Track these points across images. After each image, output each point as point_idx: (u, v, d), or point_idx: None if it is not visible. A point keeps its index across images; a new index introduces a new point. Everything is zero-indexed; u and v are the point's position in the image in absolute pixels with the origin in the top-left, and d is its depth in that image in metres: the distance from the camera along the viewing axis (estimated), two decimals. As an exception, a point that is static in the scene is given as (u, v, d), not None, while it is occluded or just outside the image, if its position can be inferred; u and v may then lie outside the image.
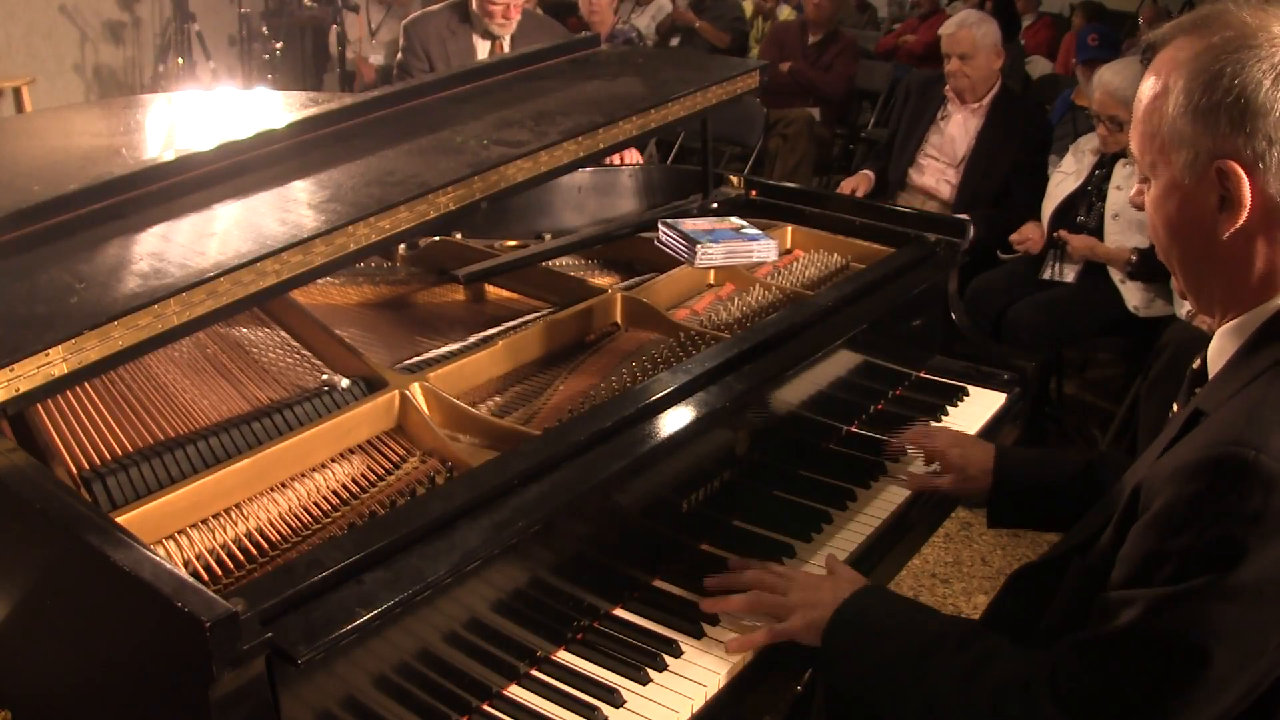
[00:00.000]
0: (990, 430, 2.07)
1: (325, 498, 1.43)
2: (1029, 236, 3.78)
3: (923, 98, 4.29)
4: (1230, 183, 1.15)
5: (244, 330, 1.80)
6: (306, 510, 1.40)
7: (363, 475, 1.48)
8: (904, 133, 4.32)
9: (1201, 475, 1.09)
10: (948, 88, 4.15)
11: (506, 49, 3.79)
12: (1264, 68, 1.12)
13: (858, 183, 4.34)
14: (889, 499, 1.80)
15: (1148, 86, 1.22)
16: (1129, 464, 1.47)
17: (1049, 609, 1.36)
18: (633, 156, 3.27)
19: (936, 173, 4.20)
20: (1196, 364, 1.32)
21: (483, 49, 3.81)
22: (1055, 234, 3.64)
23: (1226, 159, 1.14)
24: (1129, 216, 3.48)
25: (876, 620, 1.36)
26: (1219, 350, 1.26)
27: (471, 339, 1.86)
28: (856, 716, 1.66)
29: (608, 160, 2.93)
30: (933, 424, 1.92)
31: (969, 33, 4.04)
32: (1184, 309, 3.22)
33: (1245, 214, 1.15)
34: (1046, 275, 3.69)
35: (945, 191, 4.16)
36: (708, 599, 1.47)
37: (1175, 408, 1.34)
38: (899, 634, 1.33)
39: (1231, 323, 1.24)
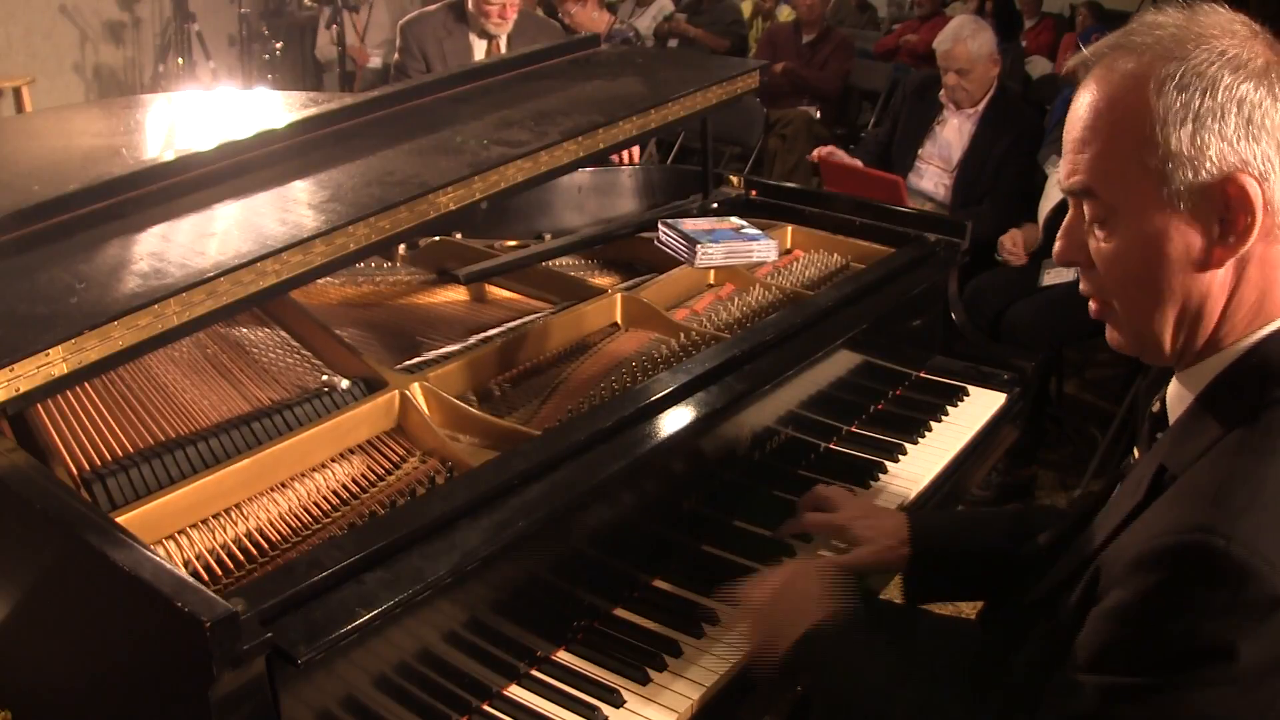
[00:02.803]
0: (990, 430, 2.07)
1: (325, 498, 1.43)
2: (1014, 248, 3.74)
3: (920, 101, 4.27)
4: (1237, 201, 1.01)
5: (244, 330, 1.79)
6: (306, 510, 1.40)
7: (363, 475, 1.48)
8: (901, 137, 4.31)
9: (1166, 565, 0.98)
10: (942, 94, 4.14)
11: (504, 49, 3.79)
12: (1253, 70, 1.01)
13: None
14: (889, 499, 1.80)
15: (1102, 107, 1.06)
16: (1059, 517, 1.40)
17: (1015, 664, 1.27)
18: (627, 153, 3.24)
19: (934, 177, 4.19)
20: (1156, 406, 1.21)
21: (479, 49, 3.82)
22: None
23: (1237, 173, 1.01)
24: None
25: (829, 669, 1.29)
26: (1178, 396, 1.15)
27: (471, 339, 1.86)
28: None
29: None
30: (829, 490, 1.68)
31: (964, 48, 3.99)
32: None
33: (1255, 235, 1.02)
34: (1047, 282, 3.68)
35: (942, 194, 4.16)
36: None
37: (1136, 453, 1.26)
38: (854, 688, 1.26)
39: (1190, 367, 1.12)
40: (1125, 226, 1.07)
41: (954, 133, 4.14)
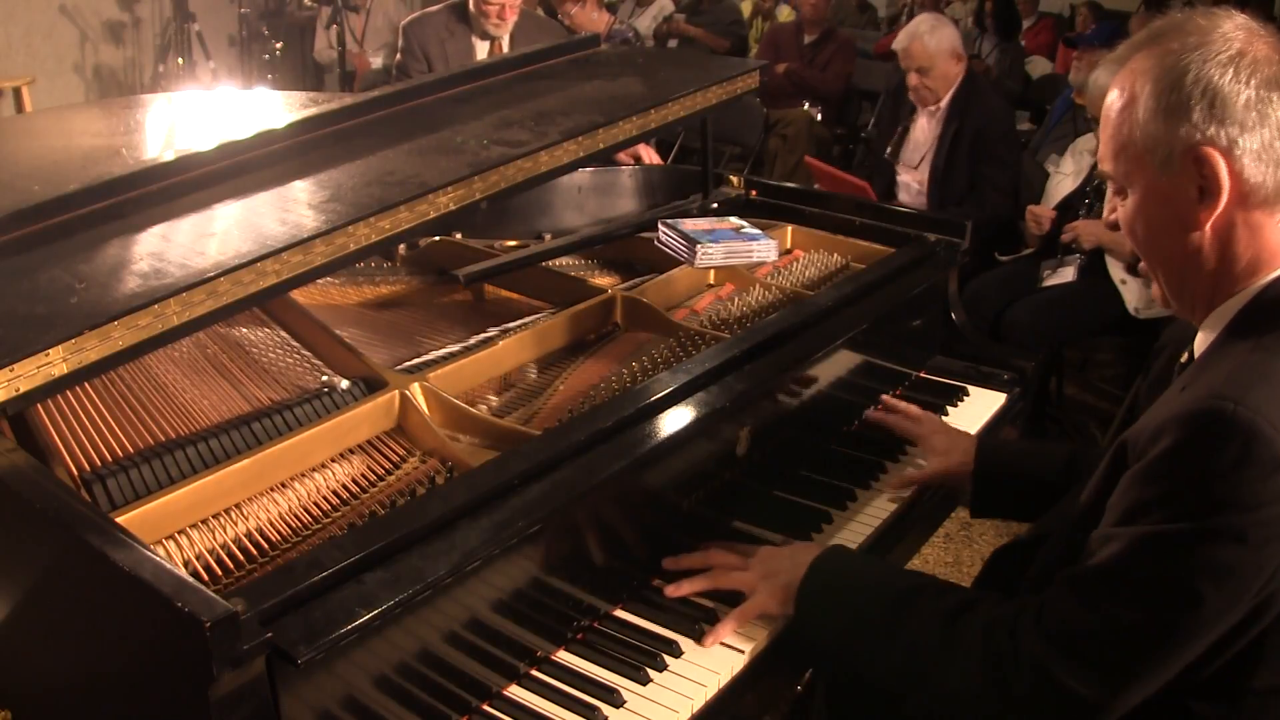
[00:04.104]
0: (990, 430, 2.07)
1: (325, 498, 1.43)
2: (1039, 215, 3.71)
3: (894, 103, 4.25)
4: (1208, 169, 1.20)
5: (244, 330, 1.79)
6: (306, 510, 1.40)
7: (363, 475, 1.48)
8: (879, 145, 4.28)
9: (1183, 427, 1.15)
10: (910, 94, 4.10)
11: (505, 49, 3.79)
12: (1223, 60, 1.19)
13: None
14: (889, 499, 1.80)
15: (1114, 100, 1.28)
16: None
17: (1031, 569, 1.41)
18: (649, 154, 3.20)
19: (907, 187, 4.16)
20: (1184, 358, 1.36)
21: (481, 50, 3.82)
22: (1064, 231, 3.61)
23: (1203, 146, 1.20)
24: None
25: (849, 577, 1.42)
26: (1203, 342, 1.31)
27: (471, 339, 1.86)
28: (857, 716, 1.67)
29: (629, 158, 2.94)
30: (914, 409, 1.95)
31: (921, 45, 3.90)
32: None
33: (1225, 197, 1.20)
34: (1047, 282, 3.67)
35: (922, 202, 4.11)
36: (669, 585, 1.49)
37: None
38: (873, 589, 1.38)
39: (1213, 314, 1.29)
40: (1133, 196, 1.28)
41: (922, 133, 4.09)
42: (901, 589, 1.36)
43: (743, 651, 1.42)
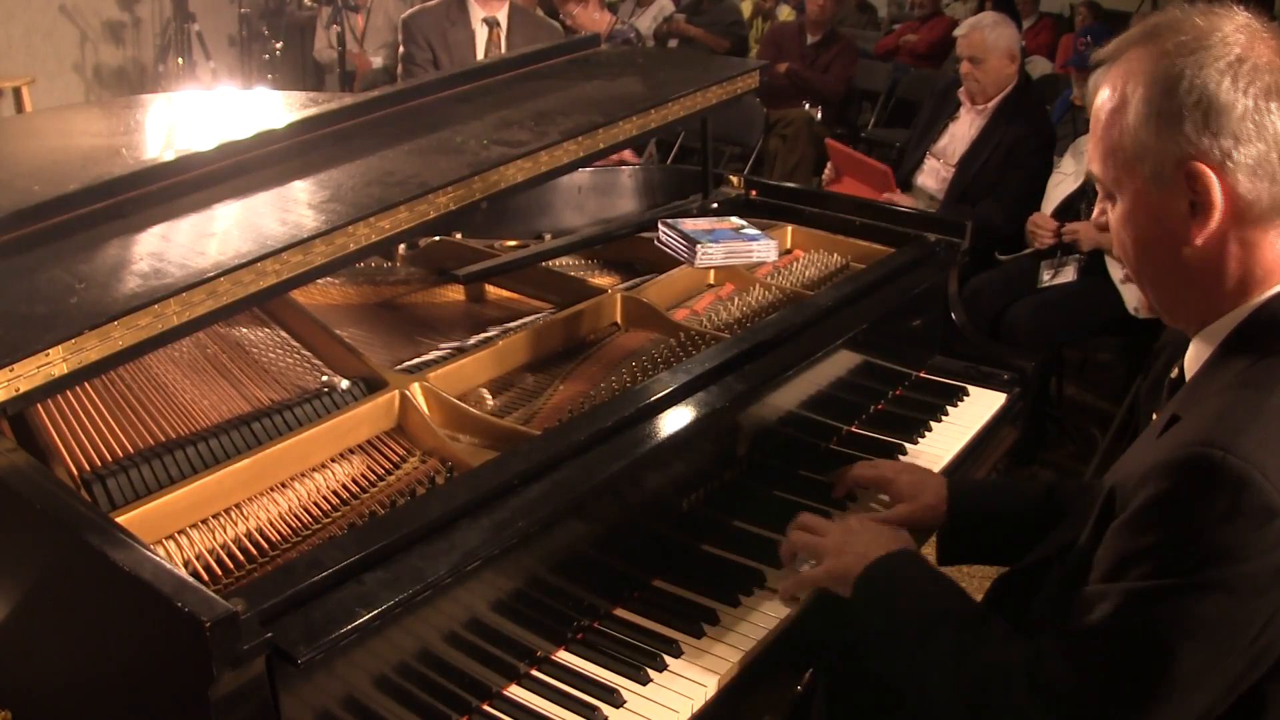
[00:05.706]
0: (990, 431, 2.07)
1: (325, 498, 1.43)
2: (1041, 226, 3.72)
3: (941, 100, 4.28)
4: (1200, 185, 1.14)
5: (244, 330, 1.79)
6: (306, 510, 1.40)
7: (363, 475, 1.48)
8: (917, 135, 4.31)
9: (1171, 475, 1.10)
10: (961, 90, 4.14)
11: (504, 41, 3.79)
12: (1221, 66, 1.13)
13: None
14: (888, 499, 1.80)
15: (1104, 101, 1.21)
16: (1087, 490, 1.46)
17: (1030, 610, 1.37)
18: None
19: (936, 172, 4.18)
20: (1175, 373, 1.32)
21: (481, 36, 3.81)
22: (1061, 231, 3.61)
23: (1194, 161, 1.14)
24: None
25: (900, 583, 1.39)
26: (1195, 357, 1.26)
27: (471, 339, 1.86)
28: (857, 717, 1.67)
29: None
30: (875, 461, 1.81)
31: (980, 35, 4.01)
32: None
33: (1218, 216, 1.15)
34: (1047, 282, 3.67)
35: (942, 186, 4.15)
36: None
37: (1154, 417, 1.33)
38: (914, 600, 1.36)
39: (1206, 329, 1.24)
40: (1121, 204, 1.23)
41: (963, 128, 4.13)
42: (935, 612, 1.32)
43: (742, 652, 1.42)
